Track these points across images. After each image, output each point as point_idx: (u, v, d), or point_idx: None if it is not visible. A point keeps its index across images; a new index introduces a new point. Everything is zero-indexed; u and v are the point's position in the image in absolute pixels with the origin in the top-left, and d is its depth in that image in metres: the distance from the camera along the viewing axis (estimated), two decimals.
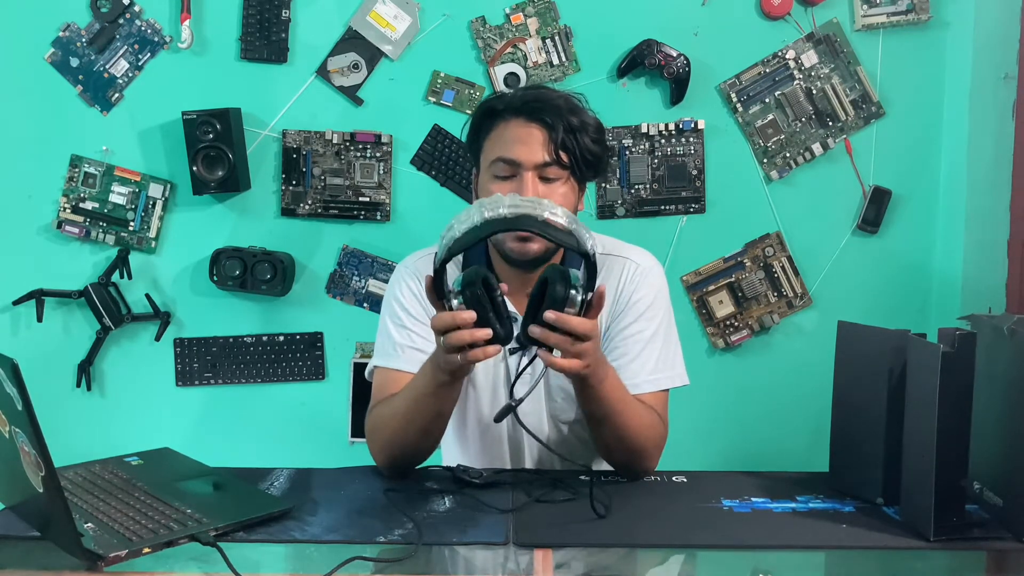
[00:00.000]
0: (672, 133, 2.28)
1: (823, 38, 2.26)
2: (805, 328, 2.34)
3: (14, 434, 1.16)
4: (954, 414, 1.26)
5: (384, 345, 1.63)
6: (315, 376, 2.36)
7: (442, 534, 1.30)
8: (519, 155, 1.53)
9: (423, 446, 1.52)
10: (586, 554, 1.29)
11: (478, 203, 1.29)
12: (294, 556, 1.27)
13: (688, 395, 1.72)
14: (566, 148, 1.54)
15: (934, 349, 1.26)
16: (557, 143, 1.53)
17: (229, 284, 2.26)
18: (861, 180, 2.30)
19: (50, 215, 2.31)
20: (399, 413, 1.50)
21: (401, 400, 1.51)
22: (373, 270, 2.33)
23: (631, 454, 1.52)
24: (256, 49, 2.26)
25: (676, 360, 1.64)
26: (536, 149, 1.52)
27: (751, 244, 2.32)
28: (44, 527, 1.25)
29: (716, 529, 1.34)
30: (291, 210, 2.31)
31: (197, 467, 1.54)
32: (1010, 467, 1.32)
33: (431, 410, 1.47)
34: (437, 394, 1.44)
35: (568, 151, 1.54)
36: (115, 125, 2.29)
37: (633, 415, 1.49)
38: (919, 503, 1.30)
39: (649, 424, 1.52)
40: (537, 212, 1.28)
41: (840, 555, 1.31)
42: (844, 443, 1.48)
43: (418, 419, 1.48)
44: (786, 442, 2.30)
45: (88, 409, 2.34)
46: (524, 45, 2.25)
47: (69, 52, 2.26)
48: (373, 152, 2.29)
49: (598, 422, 1.49)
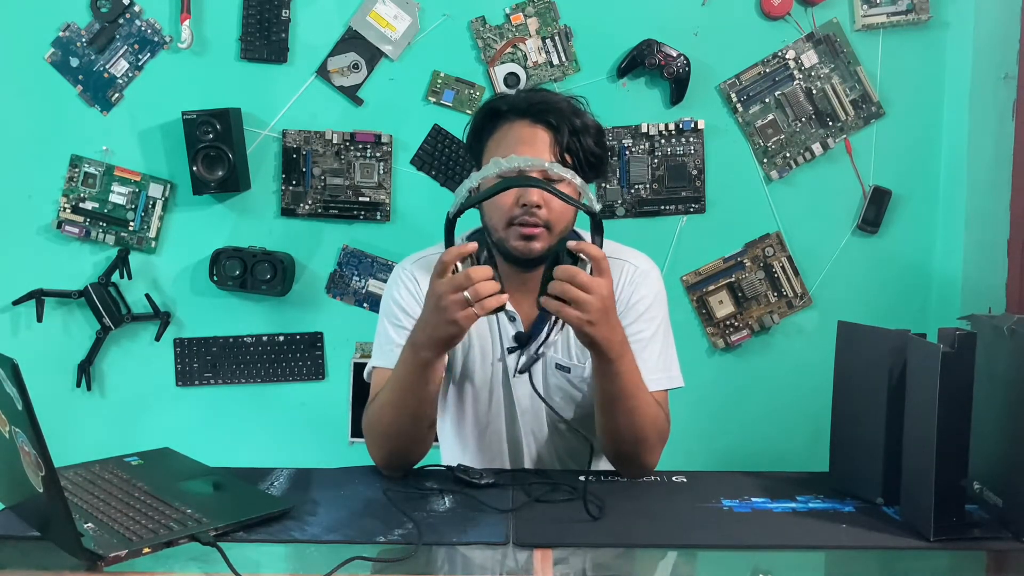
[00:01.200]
0: (672, 133, 2.28)
1: (823, 38, 2.26)
2: (805, 328, 2.34)
3: (14, 434, 1.16)
4: (954, 414, 1.26)
5: (382, 346, 1.63)
6: (315, 376, 2.36)
7: (442, 534, 1.30)
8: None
9: (416, 435, 1.52)
10: (586, 554, 1.29)
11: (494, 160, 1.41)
12: (294, 556, 1.27)
13: (688, 395, 1.72)
14: (570, 150, 1.55)
15: (934, 349, 1.26)
16: (562, 145, 1.54)
17: (229, 284, 2.26)
18: (861, 180, 2.30)
19: (50, 215, 2.31)
20: (387, 404, 1.51)
21: (387, 392, 1.51)
22: (373, 270, 2.33)
23: (636, 443, 1.52)
24: (256, 49, 2.26)
25: (672, 362, 1.64)
26: (541, 151, 1.53)
27: (751, 244, 2.32)
28: (44, 527, 1.25)
29: (716, 529, 1.34)
30: (291, 210, 2.31)
31: (197, 467, 1.54)
32: (1010, 467, 1.32)
33: (418, 392, 1.47)
34: (422, 374, 1.45)
35: (572, 153, 1.55)
36: (115, 125, 2.29)
37: (644, 402, 1.50)
38: (919, 503, 1.30)
39: (656, 415, 1.53)
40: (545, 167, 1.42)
41: (840, 555, 1.31)
42: (844, 443, 1.48)
43: (407, 404, 1.48)
44: (786, 442, 2.30)
45: (88, 409, 2.34)
46: (524, 45, 2.25)
47: (69, 52, 2.26)
48: (373, 152, 2.29)
49: (611, 402, 1.49)
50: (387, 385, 1.52)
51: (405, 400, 1.48)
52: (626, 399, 1.48)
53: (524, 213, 1.50)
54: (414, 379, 1.46)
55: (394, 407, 1.49)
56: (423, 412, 1.50)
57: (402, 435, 1.51)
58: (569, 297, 1.36)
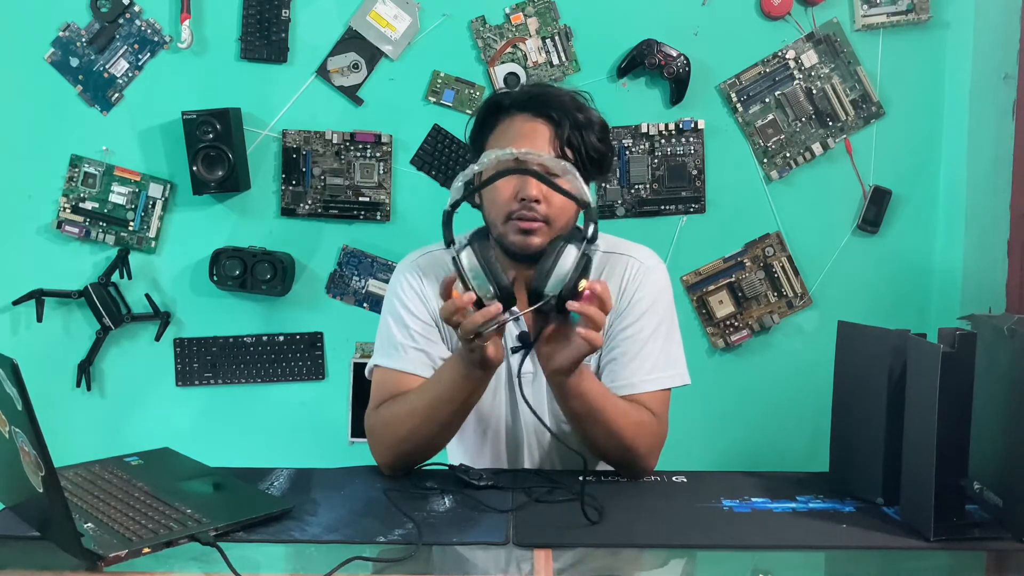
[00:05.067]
0: (672, 133, 2.28)
1: (823, 38, 2.26)
2: (805, 328, 2.34)
3: (14, 434, 1.16)
4: (954, 414, 1.26)
5: (384, 344, 1.63)
6: (315, 376, 2.36)
7: (442, 534, 1.30)
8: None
9: (438, 442, 1.53)
10: (586, 554, 1.29)
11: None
12: (294, 556, 1.27)
13: (688, 395, 1.72)
14: (571, 145, 1.54)
15: (934, 349, 1.26)
16: (563, 139, 1.53)
17: (229, 284, 2.26)
18: (861, 180, 2.30)
19: (50, 215, 2.31)
20: (417, 410, 1.50)
21: (421, 396, 1.51)
22: (373, 270, 2.33)
23: (623, 452, 1.52)
24: (256, 49, 2.26)
25: (677, 359, 1.63)
26: (541, 145, 1.52)
27: (751, 244, 2.32)
28: (44, 527, 1.25)
29: (716, 529, 1.34)
30: (291, 210, 2.31)
31: (197, 467, 1.54)
32: (1010, 467, 1.31)
33: (458, 403, 1.49)
34: (465, 387, 1.47)
35: (573, 148, 1.54)
36: (115, 125, 2.29)
37: (618, 413, 1.50)
38: (919, 503, 1.30)
39: (637, 422, 1.52)
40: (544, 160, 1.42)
41: (840, 555, 1.31)
42: (844, 443, 1.48)
43: (441, 414, 1.49)
44: (786, 442, 2.30)
45: (88, 409, 2.34)
46: (524, 45, 2.25)
47: (69, 52, 2.26)
48: (373, 152, 2.29)
49: (580, 420, 1.50)
50: (422, 388, 1.53)
51: (440, 410, 1.49)
52: (596, 412, 1.48)
53: (523, 208, 1.49)
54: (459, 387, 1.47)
55: (425, 414, 1.50)
56: (457, 423, 1.52)
57: (424, 440, 1.52)
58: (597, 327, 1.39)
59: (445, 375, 1.49)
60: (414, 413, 1.51)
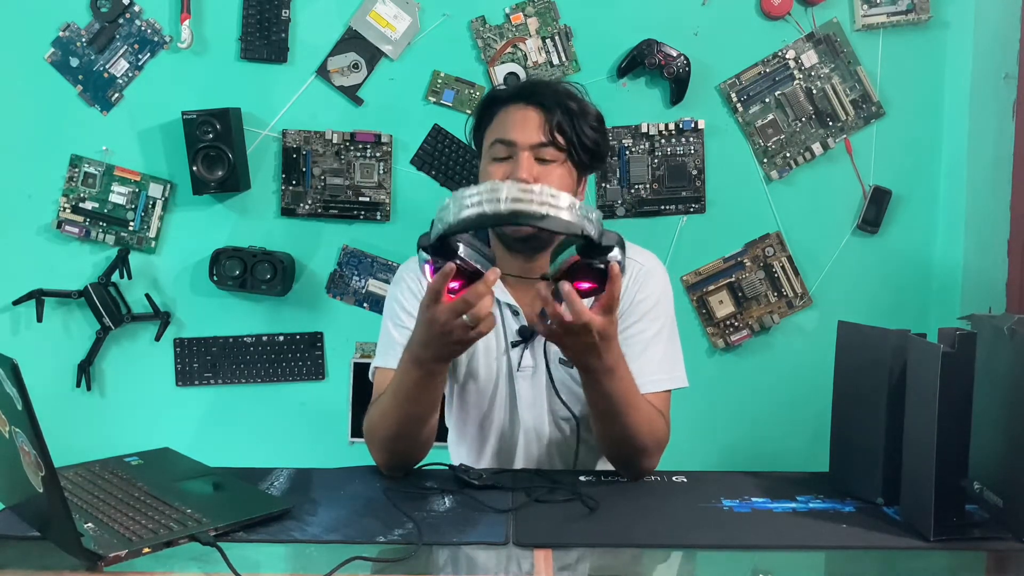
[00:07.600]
0: (672, 133, 2.28)
1: (823, 38, 2.26)
2: (805, 328, 2.34)
3: (14, 434, 1.16)
4: (954, 414, 1.26)
5: (385, 346, 1.64)
6: (315, 376, 2.36)
7: (442, 534, 1.30)
8: (515, 136, 1.55)
9: (419, 437, 1.52)
10: (586, 554, 1.29)
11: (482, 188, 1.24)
12: (294, 556, 1.27)
13: (688, 395, 1.72)
14: (562, 131, 1.56)
15: (934, 349, 1.26)
16: (553, 124, 1.55)
17: (229, 284, 2.26)
18: (861, 180, 2.30)
19: (50, 215, 2.31)
20: (388, 409, 1.50)
21: (388, 397, 1.50)
22: (373, 270, 2.33)
23: (634, 452, 1.52)
24: (256, 49, 2.26)
25: (677, 362, 1.64)
26: (531, 130, 1.55)
27: (751, 244, 2.32)
28: (44, 527, 1.25)
29: (716, 529, 1.34)
30: (291, 210, 2.31)
31: (197, 467, 1.54)
32: (1010, 467, 1.32)
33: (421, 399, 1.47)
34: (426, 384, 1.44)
35: (564, 134, 1.56)
36: (115, 125, 2.29)
37: (640, 411, 1.49)
38: (919, 503, 1.31)
39: (654, 423, 1.52)
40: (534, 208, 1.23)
41: (840, 555, 1.31)
42: (844, 443, 1.48)
43: (410, 410, 1.48)
44: (786, 442, 2.30)
45: (88, 409, 2.34)
46: (524, 45, 2.25)
47: (69, 52, 2.26)
48: (373, 152, 2.29)
49: (603, 416, 1.49)
50: (387, 391, 1.52)
51: (407, 407, 1.48)
52: (619, 412, 1.47)
53: None
54: (418, 388, 1.45)
55: (396, 413, 1.49)
56: (426, 417, 1.50)
57: (404, 438, 1.51)
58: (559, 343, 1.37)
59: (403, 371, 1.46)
60: (387, 411, 1.50)
